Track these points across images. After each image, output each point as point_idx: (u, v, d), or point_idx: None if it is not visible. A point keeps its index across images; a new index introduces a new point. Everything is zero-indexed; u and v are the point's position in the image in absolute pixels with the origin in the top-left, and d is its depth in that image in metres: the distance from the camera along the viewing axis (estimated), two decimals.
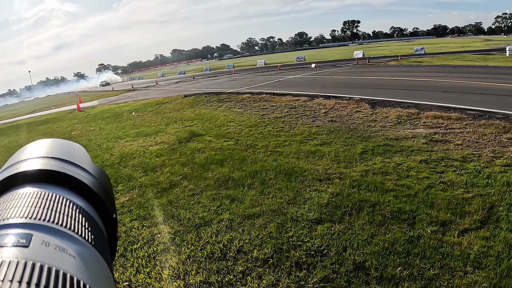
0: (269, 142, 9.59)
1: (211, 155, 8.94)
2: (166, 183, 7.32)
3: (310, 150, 8.56)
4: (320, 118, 12.17)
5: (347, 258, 4.35)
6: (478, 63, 28.42)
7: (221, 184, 6.98)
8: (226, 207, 5.97)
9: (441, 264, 4.11)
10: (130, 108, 20.53)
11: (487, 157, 7.18)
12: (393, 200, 5.68)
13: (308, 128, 10.88)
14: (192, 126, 12.83)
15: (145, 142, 11.27)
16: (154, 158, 9.24)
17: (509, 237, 4.50)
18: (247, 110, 14.83)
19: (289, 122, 11.97)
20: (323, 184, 6.54)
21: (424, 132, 9.23)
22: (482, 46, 61.29)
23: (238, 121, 12.89)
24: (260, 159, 8.30)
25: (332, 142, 9.09)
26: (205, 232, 5.25)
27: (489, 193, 5.67)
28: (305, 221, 5.28)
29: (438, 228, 4.83)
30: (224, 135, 10.97)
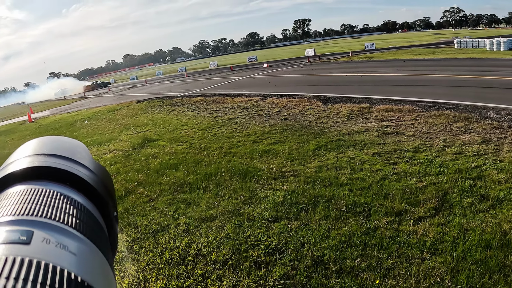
0: (223, 144, 9.84)
1: (166, 160, 9.08)
2: (122, 191, 7.38)
3: (264, 149, 8.85)
4: (273, 117, 12.55)
5: (305, 254, 4.56)
6: (427, 56, 30.39)
7: (177, 189, 7.12)
8: (182, 211, 6.12)
9: (399, 253, 4.42)
10: (83, 116, 20.53)
11: (439, 147, 7.77)
12: (348, 194, 6.00)
13: (262, 127, 11.21)
14: (146, 132, 12.99)
15: (99, 150, 11.30)
16: (109, 166, 9.29)
17: (463, 222, 4.93)
18: (200, 113, 15.12)
19: (242, 122, 12.28)
20: (278, 183, 6.80)
21: (376, 126, 9.77)
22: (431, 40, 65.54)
23: (191, 124, 13.12)
24: (214, 161, 8.50)
25: (286, 140, 9.43)
26: (162, 238, 5.35)
27: (442, 181, 6.15)
28: (261, 220, 5.49)
29: (394, 218, 5.17)
30: (177, 139, 11.17)
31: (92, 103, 29.67)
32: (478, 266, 4.04)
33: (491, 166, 6.58)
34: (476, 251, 4.29)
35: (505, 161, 6.73)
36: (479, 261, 4.12)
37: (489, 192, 5.66)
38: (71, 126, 17.95)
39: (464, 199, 5.52)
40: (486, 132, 8.45)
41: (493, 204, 5.31)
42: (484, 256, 4.19)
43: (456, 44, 41.88)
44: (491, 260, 4.12)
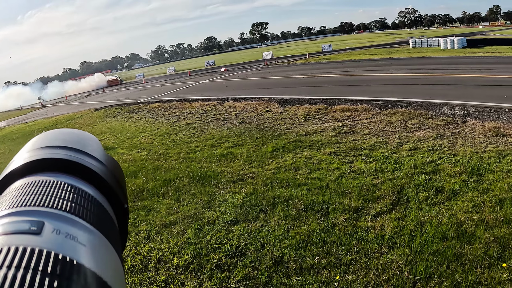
0: (181, 149, 9.94)
1: (124, 167, 9.03)
2: None
3: (222, 153, 8.98)
4: (231, 120, 12.71)
5: (266, 254, 4.67)
6: (383, 56, 31.53)
7: (136, 196, 7.15)
8: (143, 218, 6.17)
9: (357, 248, 4.59)
10: (40, 126, 20.12)
11: (394, 143, 8.11)
12: (306, 194, 6.16)
13: (219, 131, 11.35)
14: (104, 140, 12.92)
15: None
16: None
17: (420, 215, 5.18)
18: (158, 119, 15.18)
19: (200, 127, 12.42)
20: (237, 185, 6.93)
21: (332, 126, 10.05)
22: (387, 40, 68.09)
23: (150, 130, 13.18)
24: (173, 167, 8.56)
25: (244, 143, 9.60)
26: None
27: (398, 176, 6.43)
28: (221, 223, 5.60)
29: (352, 215, 5.36)
30: (136, 146, 11.22)
31: (50, 113, 29.04)
32: (436, 257, 4.26)
33: (445, 160, 6.95)
34: (433, 243, 4.52)
35: (459, 155, 7.12)
36: (436, 252, 4.34)
37: (444, 185, 5.97)
38: (28, 137, 17.02)
39: (420, 193, 5.79)
40: (441, 127, 8.89)
41: (448, 197, 5.61)
42: (441, 247, 4.42)
43: (411, 43, 43.73)
44: (448, 250, 4.35)
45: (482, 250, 4.29)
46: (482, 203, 5.33)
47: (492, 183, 5.90)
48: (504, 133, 8.06)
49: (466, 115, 9.65)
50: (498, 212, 5.03)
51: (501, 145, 7.48)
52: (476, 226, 4.78)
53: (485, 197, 5.47)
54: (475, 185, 5.86)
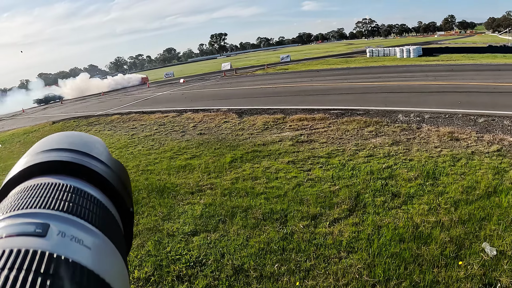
0: (140, 162, 9.91)
1: None
2: None
3: (180, 165, 9.00)
4: (189, 132, 12.75)
5: (226, 263, 4.72)
6: (340, 66, 32.47)
7: None
8: None
9: (316, 254, 4.69)
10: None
11: (351, 151, 8.35)
12: (264, 203, 6.23)
13: (178, 143, 11.37)
14: None
15: None
16: None
17: (377, 220, 5.35)
18: (117, 132, 15.08)
19: (159, 139, 12.41)
20: (196, 197, 6.97)
21: (290, 135, 10.23)
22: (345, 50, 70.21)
23: (108, 143, 13.02)
24: (132, 179, 8.41)
25: (202, 155, 9.64)
26: None
27: (355, 183, 6.63)
28: (181, 234, 5.62)
29: (310, 222, 5.47)
30: None
31: (6, 126, 28.22)
32: (394, 259, 4.42)
33: (401, 165, 7.23)
34: (391, 245, 4.69)
35: (414, 160, 7.43)
36: (394, 254, 4.50)
37: (400, 189, 6.21)
38: None
39: (376, 198, 6.00)
40: (396, 134, 9.25)
41: (404, 201, 5.84)
42: (399, 249, 4.59)
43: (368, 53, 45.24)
44: (405, 252, 4.52)
45: (439, 250, 4.49)
46: (437, 205, 5.58)
47: (447, 185, 6.18)
48: (458, 138, 8.48)
49: (421, 121, 10.08)
50: (453, 214, 5.28)
51: (455, 149, 7.86)
52: (432, 227, 4.99)
53: (440, 200, 5.73)
54: (431, 189, 6.13)
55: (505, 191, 5.74)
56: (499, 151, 7.48)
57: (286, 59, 56.63)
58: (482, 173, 6.53)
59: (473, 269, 4.11)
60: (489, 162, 6.99)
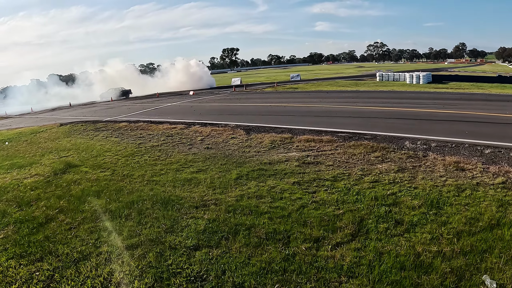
0: (146, 172, 9.99)
1: (88, 186, 9.09)
2: (42, 218, 7.38)
3: (186, 177, 9.10)
4: (197, 145, 12.86)
5: (227, 280, 4.79)
6: (350, 88, 32.68)
7: (98, 217, 7.20)
8: (104, 239, 6.22)
9: (317, 277, 4.73)
10: (3, 137, 19.73)
11: (357, 175, 8.41)
12: (268, 222, 6.30)
13: (185, 155, 11.47)
14: (68, 157, 12.87)
15: (19, 174, 11.11)
16: (29, 191, 9.22)
17: (379, 246, 5.39)
18: (124, 139, 15.17)
19: (166, 150, 12.51)
20: (200, 211, 7.04)
21: (297, 156, 10.31)
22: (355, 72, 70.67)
23: (115, 150, 13.16)
24: (136, 189, 8.61)
25: (208, 169, 9.72)
26: (84, 266, 5.43)
27: (359, 208, 6.67)
28: (183, 248, 5.69)
29: (312, 244, 5.52)
30: (100, 166, 11.19)
31: (14, 124, 28.43)
32: (394, 287, 4.46)
33: (406, 193, 7.27)
34: (391, 273, 4.73)
35: (419, 188, 7.47)
36: (394, 282, 4.54)
37: (404, 217, 6.24)
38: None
39: (380, 224, 6.03)
40: (402, 161, 9.29)
41: (407, 228, 5.87)
42: (399, 277, 4.63)
43: (378, 77, 45.52)
44: (405, 280, 4.56)
45: (439, 280, 4.53)
46: (440, 235, 5.61)
47: (450, 216, 6.21)
48: (464, 168, 8.51)
49: (428, 149, 10.13)
50: (455, 244, 5.31)
51: (460, 179, 7.89)
52: (434, 257, 5.03)
53: (443, 230, 5.76)
54: (434, 218, 6.16)
55: (508, 224, 5.77)
56: (504, 184, 7.51)
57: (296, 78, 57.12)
58: (486, 205, 6.55)
59: None
60: (493, 194, 7.02)
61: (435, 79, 40.32)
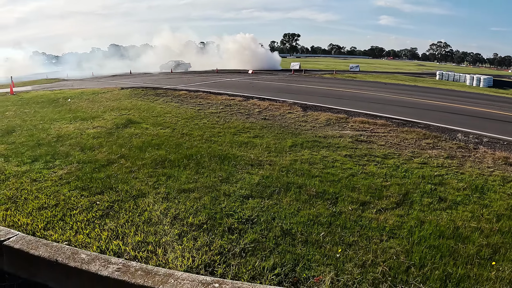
0: (204, 133, 10.38)
1: (148, 140, 9.52)
2: (104, 161, 7.81)
3: (243, 141, 9.45)
4: (254, 116, 13.20)
5: (275, 226, 5.09)
6: (408, 83, 31.87)
7: (158, 164, 7.61)
8: (162, 182, 6.61)
9: (360, 233, 4.96)
10: (66, 95, 20.49)
11: (406, 156, 8.46)
12: (318, 184, 6.55)
13: (242, 123, 11.84)
14: (129, 115, 13.34)
15: (82, 125, 11.61)
16: (92, 139, 9.66)
17: (421, 216, 5.53)
18: (184, 105, 15.61)
19: (224, 117, 12.91)
20: (255, 168, 7.36)
21: (350, 133, 10.45)
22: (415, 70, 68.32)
23: (175, 113, 13.60)
24: (195, 145, 9.01)
25: (265, 136, 10.05)
26: (142, 201, 5.83)
27: (405, 182, 6.79)
28: (237, 196, 6.03)
29: (358, 206, 5.74)
30: (160, 124, 11.64)
31: (76, 85, 29.56)
32: (431, 250, 4.61)
33: (452, 176, 7.29)
34: (430, 238, 4.88)
35: (466, 174, 7.45)
36: (432, 246, 4.69)
37: (448, 196, 6.31)
38: (53, 102, 17.88)
39: (424, 198, 6.15)
40: (452, 150, 9.22)
41: (449, 205, 5.95)
42: (437, 243, 4.77)
43: (438, 75, 44.04)
44: (443, 246, 4.70)
45: (475, 250, 4.63)
46: (480, 215, 5.66)
47: (493, 201, 6.21)
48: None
49: (479, 143, 9.96)
50: (494, 224, 5.36)
51: (507, 172, 7.77)
52: (472, 231, 5.11)
53: (484, 211, 5.80)
54: (477, 200, 6.19)
55: None
56: None
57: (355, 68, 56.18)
58: None
59: (505, 272, 4.23)
60: None
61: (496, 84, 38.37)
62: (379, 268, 4.21)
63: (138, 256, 4.38)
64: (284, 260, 4.32)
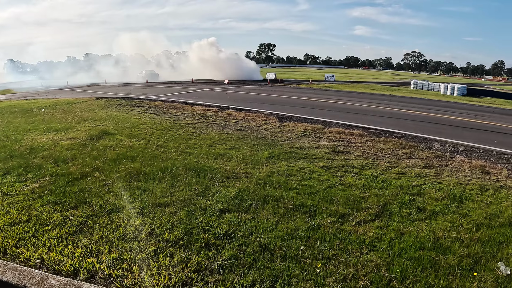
0: (180, 144, 10.34)
1: (123, 152, 9.44)
2: (78, 174, 7.71)
3: (219, 152, 9.43)
4: (230, 126, 13.19)
5: (253, 240, 5.06)
6: (383, 92, 32.53)
7: (133, 177, 7.53)
8: (137, 196, 6.53)
9: (340, 247, 4.97)
10: (40, 105, 20.18)
11: (384, 166, 8.58)
12: (296, 196, 6.56)
13: (218, 134, 11.83)
14: (104, 126, 13.22)
15: (56, 136, 11.46)
16: (65, 151, 9.55)
17: (401, 227, 5.59)
18: (159, 116, 15.55)
19: (200, 128, 12.87)
20: (231, 181, 7.34)
21: (327, 144, 10.53)
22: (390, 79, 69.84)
23: (150, 124, 13.53)
24: (171, 157, 8.95)
25: (241, 147, 10.05)
26: (117, 216, 5.74)
27: (384, 193, 6.87)
28: (213, 210, 5.99)
29: (337, 219, 5.76)
30: (135, 135, 11.56)
31: (50, 94, 28.99)
32: (412, 262, 4.66)
33: (430, 186, 7.42)
34: (411, 250, 4.93)
35: (444, 183, 7.60)
36: (413, 258, 4.74)
37: (426, 206, 6.41)
38: (27, 112, 17.51)
39: (403, 209, 6.22)
40: (429, 159, 9.40)
41: (429, 216, 6.04)
42: (418, 255, 4.83)
43: (413, 85, 45.09)
44: (423, 257, 4.75)
45: (456, 261, 4.70)
46: (460, 225, 5.76)
47: (471, 210, 6.35)
48: (489, 171, 8.58)
49: (455, 152, 10.20)
50: (474, 233, 5.46)
51: (484, 180, 7.98)
52: (452, 242, 5.20)
53: (463, 220, 5.91)
54: (455, 209, 6.31)
55: None
56: None
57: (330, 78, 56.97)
58: (508, 205, 6.65)
59: (487, 283, 4.31)
60: None
61: (470, 93, 39.61)
62: (361, 282, 4.22)
63: (113, 274, 4.28)
64: (263, 277, 4.29)
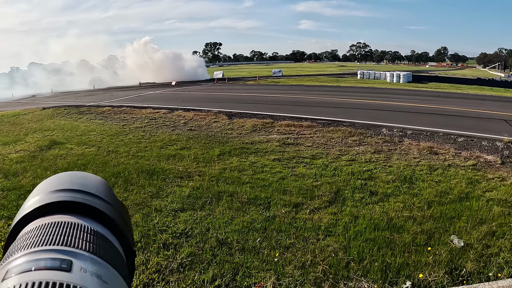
0: (131, 148, 10.25)
1: (74, 160, 9.29)
2: (29, 186, 7.50)
3: (170, 153, 9.41)
4: (180, 127, 13.14)
5: (211, 237, 5.11)
6: (331, 84, 33.27)
7: None
8: None
9: (296, 235, 5.07)
10: None
11: (334, 155, 8.80)
12: (249, 190, 6.63)
13: (168, 135, 11.78)
14: (53, 136, 12.90)
15: (4, 150, 11.17)
16: (15, 164, 9.32)
17: (354, 211, 5.77)
18: (108, 121, 15.30)
19: (150, 131, 12.79)
20: (184, 181, 7.36)
21: (277, 137, 10.67)
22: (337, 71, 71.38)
23: (99, 130, 13.31)
24: (122, 162, 8.86)
25: (192, 147, 10.06)
26: None
27: (336, 180, 7.06)
28: (168, 210, 6.02)
29: (291, 209, 5.87)
30: (85, 143, 11.36)
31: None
32: (368, 243, 4.82)
33: (380, 170, 7.69)
34: (366, 232, 5.11)
35: (394, 166, 7.89)
36: (368, 239, 4.91)
37: (378, 189, 6.65)
38: None
39: (355, 194, 6.43)
40: (379, 144, 9.73)
41: (381, 198, 6.27)
42: (373, 236, 5.01)
43: (360, 75, 46.33)
44: (379, 238, 4.94)
45: (410, 238, 4.92)
46: (412, 204, 6.02)
47: (422, 189, 6.64)
48: (437, 152, 8.99)
49: (403, 136, 10.61)
50: (426, 211, 5.73)
51: (433, 161, 8.35)
52: (405, 220, 5.43)
53: (414, 200, 6.18)
54: (407, 190, 6.58)
55: (476, 197, 6.23)
56: (475, 166, 7.99)
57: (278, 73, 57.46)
58: (456, 182, 7.01)
59: (441, 256, 4.52)
60: (464, 173, 7.49)
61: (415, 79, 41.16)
62: (319, 267, 4.31)
63: None
64: (223, 271, 4.33)
